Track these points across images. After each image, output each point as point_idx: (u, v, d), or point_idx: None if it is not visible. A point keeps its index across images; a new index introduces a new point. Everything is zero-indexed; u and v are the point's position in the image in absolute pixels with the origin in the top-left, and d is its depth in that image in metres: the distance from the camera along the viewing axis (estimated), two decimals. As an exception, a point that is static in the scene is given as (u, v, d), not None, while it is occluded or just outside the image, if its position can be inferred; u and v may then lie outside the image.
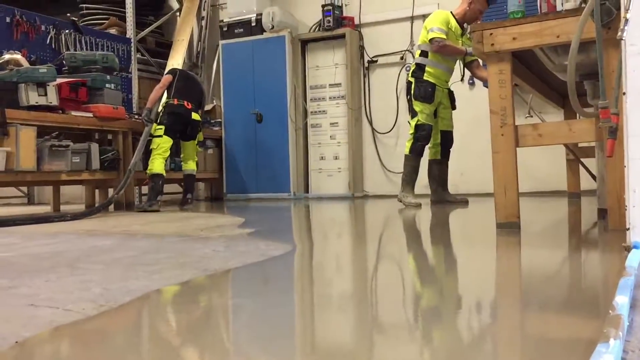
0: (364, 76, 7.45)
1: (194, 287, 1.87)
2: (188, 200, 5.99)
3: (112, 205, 5.69)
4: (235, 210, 5.78)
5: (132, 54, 7.26)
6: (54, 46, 6.20)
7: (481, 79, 5.38)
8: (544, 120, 5.73)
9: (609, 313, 1.18)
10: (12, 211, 6.36)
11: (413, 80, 5.22)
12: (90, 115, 5.59)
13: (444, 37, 5.03)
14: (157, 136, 5.66)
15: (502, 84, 2.90)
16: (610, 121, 2.24)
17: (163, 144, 5.63)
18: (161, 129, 5.66)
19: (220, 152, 7.71)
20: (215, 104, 7.95)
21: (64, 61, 5.86)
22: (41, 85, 5.08)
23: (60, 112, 5.32)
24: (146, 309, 1.63)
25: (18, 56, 5.28)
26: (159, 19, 8.40)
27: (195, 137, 6.11)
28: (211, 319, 1.52)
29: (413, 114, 5.19)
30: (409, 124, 5.27)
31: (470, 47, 5.04)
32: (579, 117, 3.53)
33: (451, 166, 6.71)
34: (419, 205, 5.11)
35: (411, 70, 5.32)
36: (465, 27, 5.28)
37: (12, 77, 4.98)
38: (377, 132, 7.38)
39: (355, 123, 7.27)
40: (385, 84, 7.33)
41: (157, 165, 5.58)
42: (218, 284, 1.98)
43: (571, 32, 2.55)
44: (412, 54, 7.12)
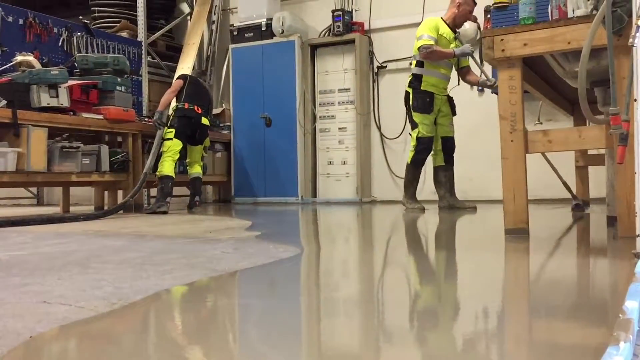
0: (373, 81, 7.46)
1: (203, 287, 1.89)
2: (196, 202, 6.06)
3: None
4: (244, 213, 5.79)
5: (142, 57, 7.31)
6: (65, 48, 6.26)
7: (471, 83, 5.49)
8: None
9: (619, 317, 1.18)
10: (23, 212, 6.41)
11: (411, 90, 5.27)
12: (100, 117, 5.63)
13: (431, 43, 5.06)
14: (168, 139, 5.73)
15: (512, 89, 2.90)
16: (621, 128, 2.24)
17: (173, 147, 5.70)
18: (171, 132, 5.74)
19: (228, 155, 7.74)
20: (224, 107, 7.98)
21: (76, 63, 5.91)
22: (53, 86, 5.13)
23: (71, 113, 5.36)
24: (157, 307, 1.64)
25: (30, 58, 5.33)
26: (169, 22, 8.46)
27: (203, 142, 6.20)
28: (220, 319, 1.53)
29: (413, 125, 5.25)
30: (410, 135, 5.36)
31: (458, 49, 5.15)
32: (588, 124, 3.53)
33: (460, 172, 6.71)
34: (422, 209, 5.20)
35: (408, 81, 5.36)
36: (456, 32, 5.35)
37: (24, 78, 5.03)
38: (385, 137, 7.39)
39: (363, 128, 7.28)
40: (395, 90, 7.32)
41: (167, 167, 5.63)
42: (227, 284, 1.99)
43: (582, 38, 2.56)
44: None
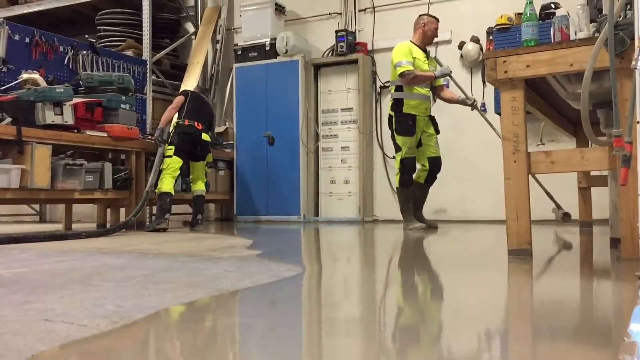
0: (376, 101, 7.50)
1: (205, 306, 1.88)
2: (198, 220, 6.03)
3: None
4: (246, 231, 5.79)
5: (147, 76, 7.36)
6: (71, 66, 6.30)
7: (447, 100, 5.61)
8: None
9: (624, 340, 1.17)
10: (25, 228, 6.41)
11: (393, 114, 5.37)
12: (104, 134, 5.65)
13: (411, 68, 5.20)
14: (167, 156, 5.72)
15: (514, 110, 2.91)
16: (624, 150, 2.25)
17: (173, 164, 5.69)
18: (171, 149, 5.73)
19: (231, 173, 7.75)
20: (227, 126, 8.02)
21: (81, 81, 5.96)
22: (57, 104, 5.16)
23: (76, 131, 5.38)
24: (158, 326, 1.64)
25: (36, 75, 5.38)
26: (174, 41, 8.55)
27: (205, 158, 6.15)
28: (221, 338, 1.52)
29: (397, 148, 5.37)
30: (394, 158, 5.50)
31: (436, 70, 5.32)
32: (591, 145, 3.54)
33: (462, 192, 6.71)
34: (426, 227, 5.30)
35: (390, 105, 5.48)
36: (428, 51, 5.50)
37: (29, 96, 5.07)
38: (388, 156, 7.40)
39: (366, 147, 7.30)
40: (397, 110, 7.35)
41: (166, 184, 5.63)
42: (229, 303, 1.99)
43: (584, 60, 2.57)
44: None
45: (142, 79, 7.28)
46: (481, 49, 6.85)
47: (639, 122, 2.03)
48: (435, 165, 5.47)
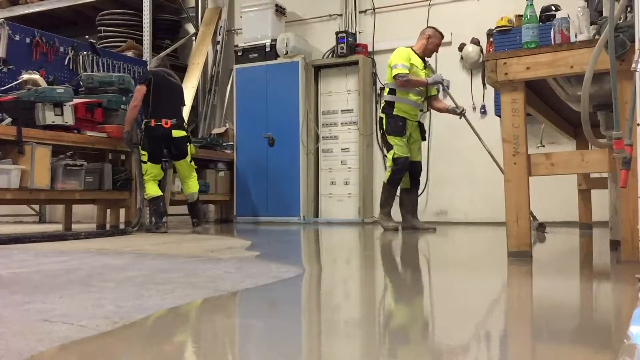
0: (376, 103, 7.50)
1: (205, 306, 1.88)
2: (194, 223, 5.80)
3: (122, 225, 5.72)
4: (246, 233, 5.79)
5: (147, 76, 7.34)
6: (71, 67, 6.30)
7: (439, 110, 5.75)
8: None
9: (624, 342, 1.17)
10: (25, 229, 6.41)
11: (384, 116, 5.50)
12: (104, 135, 5.65)
13: (406, 72, 5.33)
14: (144, 162, 5.45)
15: (515, 112, 2.91)
16: (624, 152, 2.25)
17: (150, 170, 5.44)
18: (145, 154, 5.44)
19: (231, 174, 7.75)
20: (227, 127, 8.02)
21: (81, 82, 5.96)
22: (58, 105, 5.16)
23: (76, 131, 5.39)
24: (158, 327, 1.64)
25: (36, 76, 5.38)
26: (175, 42, 8.55)
27: (186, 155, 5.63)
28: (221, 339, 1.52)
29: (388, 147, 5.47)
30: (387, 157, 5.56)
31: (430, 78, 5.43)
32: (591, 147, 3.54)
33: (463, 194, 6.72)
34: (397, 228, 5.47)
35: (382, 107, 5.61)
36: (426, 61, 5.63)
37: (29, 96, 5.07)
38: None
39: (366, 149, 7.30)
40: (397, 111, 7.36)
41: (151, 188, 5.43)
42: (229, 304, 1.99)
43: (585, 63, 2.58)
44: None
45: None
46: (481, 50, 6.85)
47: (639, 125, 2.03)
48: (414, 170, 5.61)
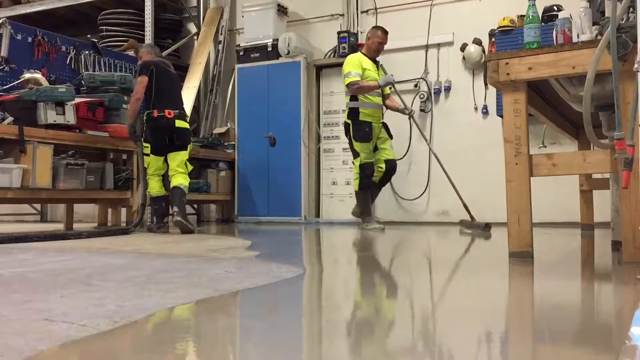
0: (378, 103, 7.49)
1: (205, 306, 1.88)
2: (173, 213, 5.14)
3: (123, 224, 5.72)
4: (247, 232, 5.79)
5: (149, 76, 7.34)
6: (73, 66, 6.31)
7: (390, 108, 5.91)
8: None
9: (625, 344, 1.17)
10: (26, 228, 6.41)
11: (350, 122, 5.66)
12: (106, 134, 5.66)
13: (357, 79, 5.57)
14: (146, 154, 5.32)
15: (517, 113, 2.91)
16: (626, 153, 2.24)
17: (153, 163, 5.32)
18: (147, 147, 5.30)
19: (232, 174, 7.76)
20: (229, 126, 8.02)
21: (83, 81, 5.96)
22: (60, 104, 5.17)
23: (77, 131, 5.39)
24: (159, 326, 1.64)
25: (38, 75, 5.39)
26: (176, 42, 8.56)
27: (184, 148, 5.35)
28: (221, 339, 1.52)
29: (355, 154, 5.67)
30: (353, 164, 5.77)
31: (381, 79, 5.64)
32: (593, 148, 3.53)
33: (464, 194, 6.72)
34: (383, 228, 5.59)
35: (346, 114, 5.77)
36: (377, 61, 5.81)
37: (31, 95, 5.07)
38: (389, 158, 7.38)
39: (368, 149, 7.28)
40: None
41: (154, 185, 5.33)
42: (229, 304, 1.99)
43: (587, 63, 2.57)
44: (427, 82, 7.18)
45: (144, 79, 7.27)
46: (483, 51, 6.85)
47: (641, 125, 2.02)
48: (391, 167, 5.80)
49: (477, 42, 6.90)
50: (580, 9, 3.01)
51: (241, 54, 7.75)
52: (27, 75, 5.33)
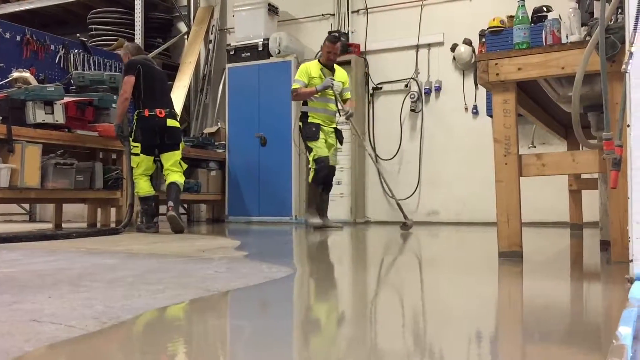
0: (369, 102, 7.51)
1: (195, 307, 1.87)
2: (169, 207, 5.05)
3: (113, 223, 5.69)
4: (237, 232, 5.77)
5: (139, 75, 7.31)
6: (62, 65, 6.27)
7: (343, 110, 5.94)
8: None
9: (613, 343, 1.18)
10: (14, 228, 6.36)
11: (301, 124, 5.89)
12: (95, 134, 5.63)
13: (297, 86, 5.81)
14: (135, 154, 5.18)
15: (506, 113, 2.92)
16: (614, 153, 2.25)
17: (143, 163, 5.18)
18: (137, 146, 5.16)
19: (223, 174, 7.74)
20: (219, 126, 8.00)
21: (72, 80, 5.93)
22: (48, 103, 5.14)
23: (66, 130, 5.36)
24: (148, 327, 1.63)
25: (26, 74, 5.35)
26: (167, 41, 8.53)
27: (177, 147, 5.29)
28: (211, 339, 1.51)
29: (308, 149, 5.85)
30: (309, 159, 5.89)
31: (319, 85, 5.72)
32: (582, 148, 3.55)
33: (454, 194, 6.77)
34: (321, 226, 5.72)
35: (299, 117, 5.99)
36: (334, 68, 5.98)
37: (20, 94, 5.04)
38: (380, 158, 7.40)
39: (358, 149, 7.30)
40: (390, 111, 7.38)
41: (143, 185, 5.19)
42: (219, 304, 1.98)
43: (576, 64, 2.59)
44: (417, 82, 7.20)
45: (134, 78, 7.23)
46: (473, 51, 6.87)
47: (629, 126, 2.03)
48: (329, 171, 5.87)
49: (468, 42, 6.93)
50: (569, 9, 3.02)
51: (232, 53, 7.73)
52: (15, 74, 5.29)
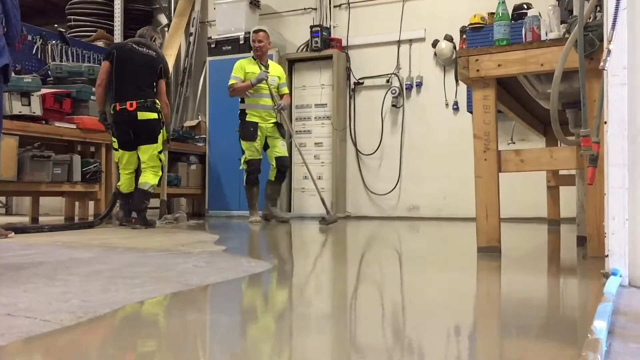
0: (350, 97, 7.51)
1: (173, 301, 1.86)
2: (132, 220, 4.87)
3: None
4: (217, 227, 5.74)
5: (118, 67, 7.22)
6: (40, 56, 6.18)
7: (276, 103, 5.99)
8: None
9: (588, 337, 1.19)
10: (-11, 221, 6.26)
11: (240, 122, 5.99)
12: (73, 126, 5.55)
13: (233, 82, 5.93)
14: (115, 149, 5.06)
15: (486, 109, 2.94)
16: (591, 149, 2.28)
17: (122, 158, 5.00)
18: (115, 141, 5.01)
19: (203, 168, 7.68)
20: (200, 120, 7.94)
21: (50, 72, 5.85)
22: (25, 94, 5.06)
23: (44, 122, 5.28)
24: (124, 321, 1.61)
25: (3, 65, 5.24)
26: (147, 33, 8.41)
27: (154, 140, 4.96)
28: (189, 334, 1.50)
29: (242, 151, 6.00)
30: (240, 161, 6.07)
31: (254, 78, 5.85)
32: (560, 145, 3.59)
33: (435, 189, 6.80)
34: (259, 222, 5.92)
35: (238, 115, 6.08)
36: (267, 63, 6.12)
37: (-4, 85, 4.94)
38: (361, 153, 7.42)
39: (339, 144, 7.30)
40: (371, 106, 7.39)
41: (123, 181, 5.02)
42: (198, 299, 1.97)
43: (555, 61, 2.60)
44: (399, 78, 7.21)
45: (113, 70, 7.15)
46: (454, 47, 6.90)
47: (606, 123, 2.06)
48: (281, 164, 6.03)
49: (449, 38, 6.95)
50: (549, 7, 3.05)
51: (212, 46, 7.67)
52: (-9, 65, 5.19)
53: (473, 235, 3.01)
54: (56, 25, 6.95)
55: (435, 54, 7.08)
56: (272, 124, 6.01)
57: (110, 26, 7.75)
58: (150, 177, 4.96)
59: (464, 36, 6.44)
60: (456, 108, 6.97)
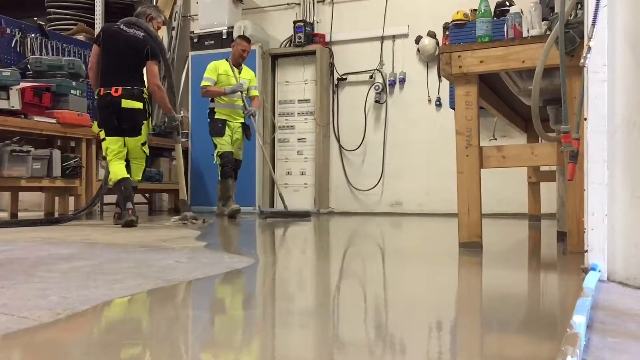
0: (333, 93, 7.50)
1: (154, 297, 1.84)
2: (115, 215, 4.80)
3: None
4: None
5: (99, 61, 7.14)
6: (19, 49, 6.08)
7: (247, 110, 6.14)
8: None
9: (567, 331, 1.20)
10: (-33, 216, 6.17)
11: (209, 120, 6.16)
12: (53, 121, 5.48)
13: (206, 84, 6.06)
14: (102, 139, 4.75)
15: (468, 105, 2.95)
16: (571, 146, 2.30)
17: (111, 146, 4.69)
18: (101, 130, 4.74)
19: (185, 163, 7.63)
20: (182, 114, 7.87)
21: (29, 65, 5.76)
22: (4, 88, 4.98)
23: (23, 117, 5.21)
24: (104, 318, 1.60)
25: (-19, 58, 5.17)
26: (128, 27, 8.32)
27: (138, 133, 4.75)
28: (169, 330, 1.49)
29: (214, 146, 6.14)
30: (214, 156, 6.18)
31: (229, 87, 6.02)
32: (541, 141, 3.62)
33: (417, 185, 6.83)
34: (225, 213, 6.05)
35: (207, 113, 6.23)
36: (241, 67, 6.27)
37: (-27, 79, 4.87)
38: (344, 148, 7.42)
39: (322, 139, 7.30)
40: (354, 102, 7.39)
41: (115, 169, 4.65)
42: (179, 295, 1.95)
43: (536, 57, 2.62)
44: (382, 74, 7.22)
45: (94, 64, 7.06)
46: (437, 44, 6.92)
47: (586, 119, 2.07)
48: (236, 166, 6.26)
49: (432, 34, 6.97)
50: (530, 4, 3.07)
51: (195, 41, 7.61)
52: (-32, 58, 5.12)
53: (455, 230, 3.02)
54: (35, 18, 6.83)
55: (418, 50, 7.10)
56: (240, 124, 6.18)
57: (91, 19, 7.66)
58: (135, 173, 4.90)
59: (447, 32, 6.47)
60: (439, 104, 6.99)
